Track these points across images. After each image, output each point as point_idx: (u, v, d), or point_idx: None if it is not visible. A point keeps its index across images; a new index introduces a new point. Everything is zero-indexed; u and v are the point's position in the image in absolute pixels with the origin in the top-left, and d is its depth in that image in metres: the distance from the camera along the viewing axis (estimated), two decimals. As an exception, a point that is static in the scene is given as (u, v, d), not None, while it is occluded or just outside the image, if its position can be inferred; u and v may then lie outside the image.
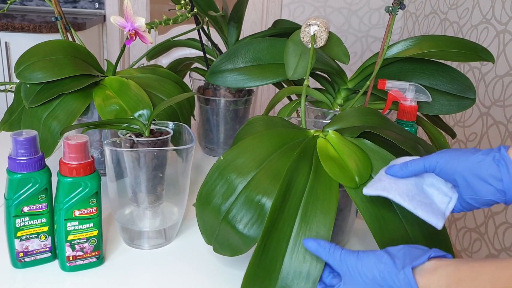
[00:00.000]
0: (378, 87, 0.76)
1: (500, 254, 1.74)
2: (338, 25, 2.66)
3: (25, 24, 2.00)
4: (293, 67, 0.76)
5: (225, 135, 1.00)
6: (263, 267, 0.51)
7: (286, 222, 0.53)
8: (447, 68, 0.80)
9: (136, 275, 0.61)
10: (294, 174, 0.56)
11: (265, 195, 0.55)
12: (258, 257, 0.51)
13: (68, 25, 0.89)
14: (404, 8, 0.71)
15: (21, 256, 0.59)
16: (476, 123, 1.94)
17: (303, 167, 0.57)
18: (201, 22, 0.96)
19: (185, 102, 0.82)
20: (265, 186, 0.56)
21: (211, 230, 0.59)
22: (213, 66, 0.85)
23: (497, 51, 1.82)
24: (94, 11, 2.53)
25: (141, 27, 0.72)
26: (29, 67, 0.74)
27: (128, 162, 0.63)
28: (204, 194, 0.59)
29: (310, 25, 0.73)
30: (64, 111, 0.73)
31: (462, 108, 0.78)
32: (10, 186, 0.56)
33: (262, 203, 0.55)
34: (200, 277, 0.62)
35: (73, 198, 0.57)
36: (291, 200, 0.54)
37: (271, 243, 0.52)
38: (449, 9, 2.21)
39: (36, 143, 0.56)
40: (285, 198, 0.54)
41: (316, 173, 0.56)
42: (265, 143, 0.60)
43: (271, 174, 0.56)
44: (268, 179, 0.56)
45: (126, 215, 0.68)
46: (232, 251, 0.57)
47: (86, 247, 0.60)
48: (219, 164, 0.59)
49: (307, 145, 0.61)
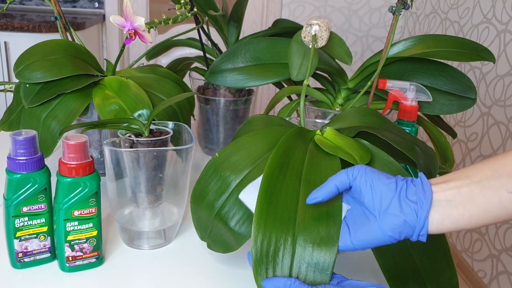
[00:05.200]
0: (379, 87, 0.75)
1: (501, 255, 1.73)
2: (338, 25, 2.65)
3: (24, 24, 1.99)
4: (297, 67, 0.75)
5: (225, 135, 1.00)
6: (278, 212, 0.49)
7: (289, 184, 0.51)
8: (448, 68, 0.80)
9: (136, 275, 0.61)
10: (290, 149, 0.55)
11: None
12: (263, 213, 0.48)
13: (68, 25, 0.89)
14: (408, 8, 0.71)
15: (21, 256, 0.59)
16: (477, 123, 1.94)
17: (299, 145, 0.56)
18: (201, 21, 0.95)
19: (185, 102, 0.82)
20: None
21: (204, 226, 0.59)
22: (213, 66, 0.85)
23: (498, 51, 1.81)
24: (93, 11, 2.53)
25: (140, 26, 0.72)
26: (28, 67, 0.73)
27: (127, 162, 0.63)
28: (198, 190, 0.59)
29: (311, 25, 0.73)
30: (63, 111, 0.73)
31: (462, 108, 0.78)
32: (9, 186, 0.56)
33: None
34: (199, 277, 0.61)
35: (72, 198, 0.56)
36: (291, 167, 0.53)
37: (277, 203, 0.49)
38: (449, 9, 2.21)
39: (35, 143, 0.56)
40: (283, 165, 0.52)
41: (312, 155, 0.56)
42: (261, 141, 0.60)
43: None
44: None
45: (126, 215, 0.68)
46: (224, 248, 0.57)
47: (86, 247, 0.60)
48: (214, 161, 0.59)
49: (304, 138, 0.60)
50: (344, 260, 0.68)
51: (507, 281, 1.70)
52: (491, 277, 1.79)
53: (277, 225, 0.47)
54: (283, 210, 0.48)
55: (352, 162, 0.54)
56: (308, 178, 0.52)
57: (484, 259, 1.84)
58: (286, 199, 0.49)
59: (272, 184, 0.50)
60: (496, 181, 0.43)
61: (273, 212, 0.48)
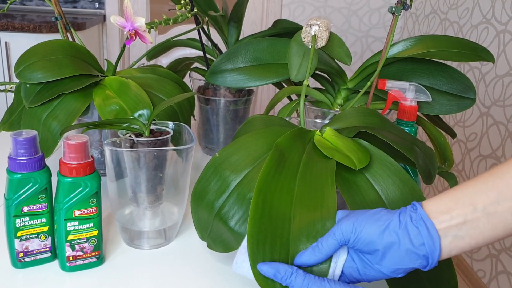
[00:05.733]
0: (378, 87, 0.76)
1: (500, 254, 1.74)
2: (338, 25, 2.66)
3: (25, 24, 2.00)
4: (297, 67, 0.76)
5: (225, 135, 1.00)
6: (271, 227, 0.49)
7: (285, 182, 0.51)
8: (447, 68, 0.80)
9: (136, 275, 0.61)
10: (287, 150, 0.55)
11: None
12: (258, 213, 0.49)
13: (68, 25, 0.89)
14: (407, 9, 0.71)
15: (21, 256, 0.59)
16: (476, 123, 1.94)
17: (297, 146, 0.57)
18: (201, 22, 0.96)
19: (185, 102, 0.82)
20: None
21: (204, 226, 0.60)
22: (213, 66, 0.85)
23: (497, 51, 1.82)
24: (94, 11, 2.53)
25: (141, 27, 0.72)
26: (29, 67, 0.74)
27: (128, 162, 0.63)
28: (198, 190, 0.59)
29: (311, 25, 0.73)
30: (64, 111, 0.73)
31: (462, 108, 0.78)
32: (10, 186, 0.56)
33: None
34: (199, 277, 0.62)
35: (73, 198, 0.57)
36: (288, 166, 0.53)
37: (272, 201, 0.49)
38: (449, 9, 2.21)
39: (36, 143, 0.56)
40: (279, 164, 0.53)
41: (310, 154, 0.56)
42: (261, 141, 0.60)
43: None
44: None
45: (126, 215, 0.68)
46: (224, 247, 0.58)
47: (86, 247, 0.60)
48: (214, 161, 0.59)
49: (303, 138, 0.60)
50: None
51: (507, 281, 1.70)
52: (490, 277, 1.79)
53: (273, 223, 0.48)
54: (278, 209, 0.49)
55: (350, 165, 0.54)
56: (303, 177, 0.52)
57: (484, 258, 1.84)
58: (281, 197, 0.50)
59: (267, 182, 0.51)
60: (501, 205, 0.42)
61: (268, 211, 0.48)
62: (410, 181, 0.56)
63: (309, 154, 0.56)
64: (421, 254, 0.43)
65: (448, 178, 0.72)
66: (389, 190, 0.55)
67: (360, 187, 0.55)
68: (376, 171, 0.56)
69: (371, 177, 0.56)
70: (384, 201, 0.55)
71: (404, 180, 0.56)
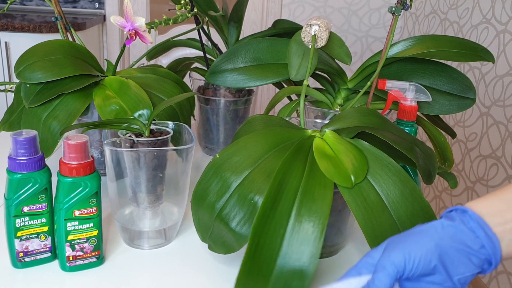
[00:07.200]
0: (378, 87, 0.76)
1: (500, 254, 1.73)
2: (338, 25, 2.66)
3: (25, 24, 2.00)
4: (296, 67, 0.76)
5: (225, 135, 1.00)
6: (257, 266, 0.50)
7: (278, 221, 0.52)
8: (447, 68, 0.80)
9: (136, 275, 0.61)
10: (287, 173, 0.55)
11: (258, 193, 0.55)
12: (251, 256, 0.50)
13: (68, 25, 0.89)
14: (407, 9, 0.71)
15: (21, 256, 0.59)
16: (476, 123, 1.94)
17: (297, 166, 0.57)
18: (201, 22, 0.96)
19: (185, 102, 0.82)
20: (259, 184, 0.56)
21: (205, 228, 0.59)
22: (213, 66, 0.85)
23: (497, 51, 1.82)
24: (94, 11, 2.53)
25: (141, 27, 0.72)
26: (29, 67, 0.74)
27: (128, 162, 0.63)
28: (199, 191, 0.59)
29: (311, 25, 0.73)
30: (64, 111, 0.73)
31: (462, 108, 0.78)
32: (10, 186, 0.56)
33: (254, 201, 0.55)
34: (199, 277, 0.62)
35: (73, 198, 0.57)
36: (284, 199, 0.53)
37: (264, 241, 0.51)
38: (449, 9, 2.21)
39: (36, 143, 0.56)
40: (277, 196, 0.53)
41: (310, 172, 0.56)
42: (261, 142, 0.60)
43: (265, 172, 0.57)
44: (262, 178, 0.56)
45: (126, 215, 0.68)
46: (225, 249, 0.58)
47: (86, 247, 0.60)
48: (214, 162, 0.59)
49: (303, 144, 0.60)
50: (345, 265, 0.68)
51: (507, 281, 1.70)
52: (490, 277, 1.79)
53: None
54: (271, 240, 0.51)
55: (347, 185, 0.54)
56: (302, 201, 0.53)
57: (484, 259, 1.84)
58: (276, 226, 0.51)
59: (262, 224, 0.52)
60: None
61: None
62: (410, 181, 0.56)
63: (307, 178, 0.55)
64: (482, 258, 0.42)
65: (448, 178, 0.72)
66: (389, 190, 0.55)
67: (360, 187, 0.55)
68: (377, 171, 0.56)
69: (372, 178, 0.56)
70: (385, 202, 0.55)
71: (404, 181, 0.56)
